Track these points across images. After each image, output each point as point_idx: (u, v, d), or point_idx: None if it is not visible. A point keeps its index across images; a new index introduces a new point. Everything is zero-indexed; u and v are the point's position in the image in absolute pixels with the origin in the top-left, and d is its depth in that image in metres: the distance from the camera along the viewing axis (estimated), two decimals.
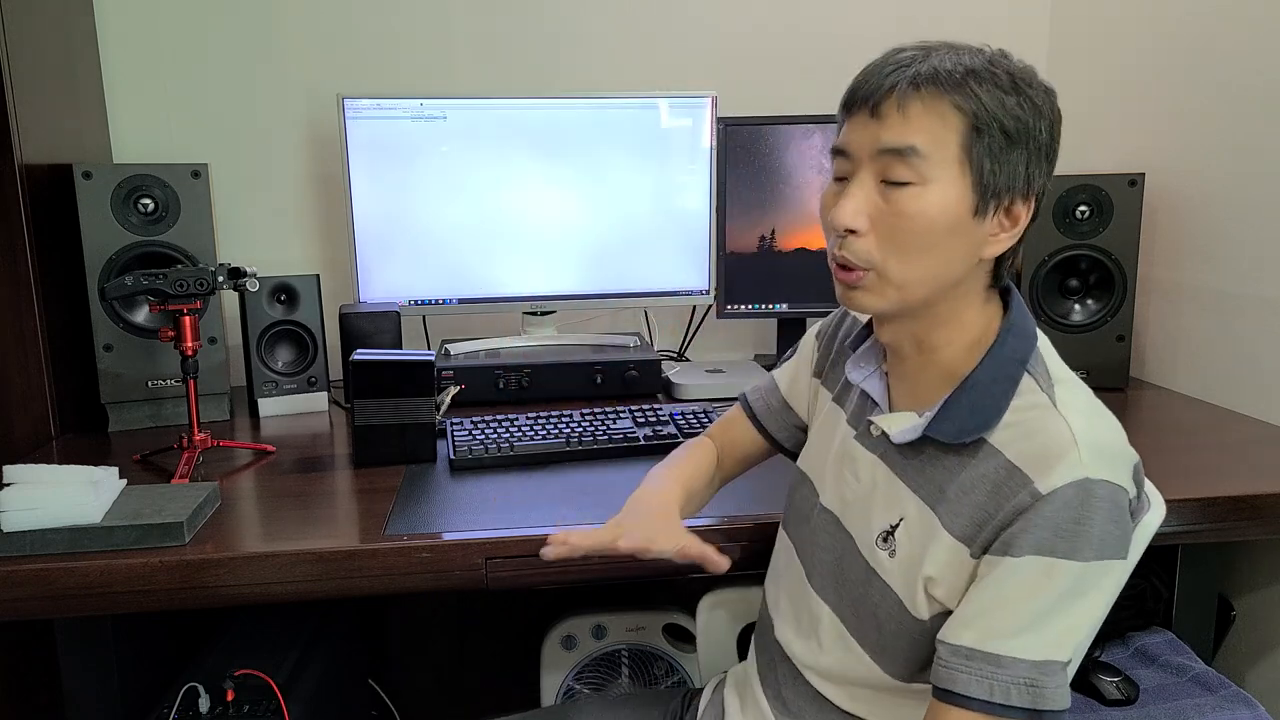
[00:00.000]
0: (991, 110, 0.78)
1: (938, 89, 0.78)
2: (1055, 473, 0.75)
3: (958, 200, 0.79)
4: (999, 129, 0.78)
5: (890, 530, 0.86)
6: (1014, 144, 0.79)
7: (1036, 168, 0.81)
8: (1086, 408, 0.80)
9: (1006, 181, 0.80)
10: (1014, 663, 0.74)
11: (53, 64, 1.55)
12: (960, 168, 0.79)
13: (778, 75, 1.92)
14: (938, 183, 0.79)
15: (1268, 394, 1.47)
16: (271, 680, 1.22)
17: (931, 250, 0.80)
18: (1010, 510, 0.76)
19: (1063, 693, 0.75)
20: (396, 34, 1.83)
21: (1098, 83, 1.85)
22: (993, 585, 0.76)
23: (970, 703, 0.75)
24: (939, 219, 0.79)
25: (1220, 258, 1.56)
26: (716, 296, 1.78)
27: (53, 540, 1.04)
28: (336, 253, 1.87)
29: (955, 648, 0.77)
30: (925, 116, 0.78)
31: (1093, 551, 0.74)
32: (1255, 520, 1.17)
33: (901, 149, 0.79)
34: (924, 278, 0.82)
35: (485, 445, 1.33)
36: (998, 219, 0.82)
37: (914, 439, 0.85)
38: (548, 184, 1.70)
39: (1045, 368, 0.84)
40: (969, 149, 0.79)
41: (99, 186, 1.49)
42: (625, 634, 1.66)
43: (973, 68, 0.79)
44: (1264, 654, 1.46)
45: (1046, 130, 0.81)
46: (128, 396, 1.54)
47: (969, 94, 0.78)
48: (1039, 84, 0.81)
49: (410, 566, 1.07)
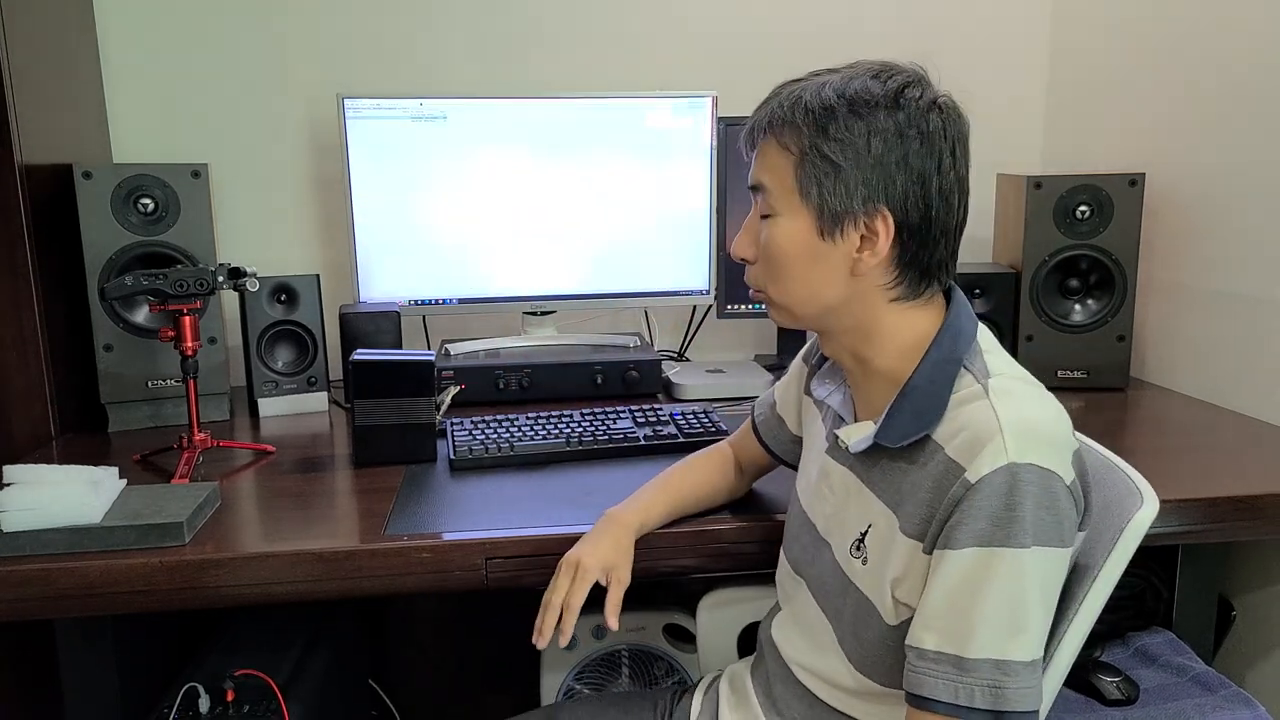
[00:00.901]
0: (812, 142, 0.83)
1: (770, 131, 0.87)
2: (981, 459, 0.77)
3: (801, 228, 0.86)
4: (820, 157, 0.83)
5: (861, 538, 0.88)
6: (841, 168, 0.83)
7: (883, 184, 0.82)
8: (1020, 394, 0.81)
9: (843, 204, 0.84)
10: (976, 664, 0.76)
11: (53, 64, 1.55)
12: (797, 198, 0.85)
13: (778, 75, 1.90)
14: (784, 214, 0.87)
15: (1268, 394, 1.47)
16: (271, 680, 1.22)
17: (793, 274, 0.88)
18: (948, 502, 0.78)
19: (1027, 694, 0.75)
20: (396, 34, 1.83)
21: (1098, 83, 1.85)
22: (942, 582, 0.78)
23: (936, 705, 0.77)
24: (788, 247, 0.87)
25: (1220, 258, 1.56)
26: (716, 296, 1.78)
27: (53, 540, 1.04)
28: (336, 253, 1.87)
29: (921, 651, 0.78)
30: (767, 156, 0.87)
31: (1030, 538, 0.75)
32: (1255, 520, 1.17)
33: (756, 186, 0.89)
34: (800, 300, 0.89)
35: (485, 445, 1.33)
36: (852, 239, 0.85)
37: (867, 447, 0.87)
38: (548, 184, 1.70)
39: (984, 363, 0.85)
40: (799, 180, 0.85)
41: (99, 186, 1.49)
42: (625, 634, 1.66)
43: (808, 103, 0.84)
44: (1264, 654, 1.46)
45: (891, 146, 0.82)
46: (128, 396, 1.54)
47: (796, 131, 0.84)
48: (869, 94, 0.82)
49: (410, 566, 1.07)
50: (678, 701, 1.14)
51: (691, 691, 1.15)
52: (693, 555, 1.12)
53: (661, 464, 1.32)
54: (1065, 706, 1.25)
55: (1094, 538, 0.86)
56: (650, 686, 1.66)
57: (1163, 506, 1.13)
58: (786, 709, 0.97)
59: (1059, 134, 1.96)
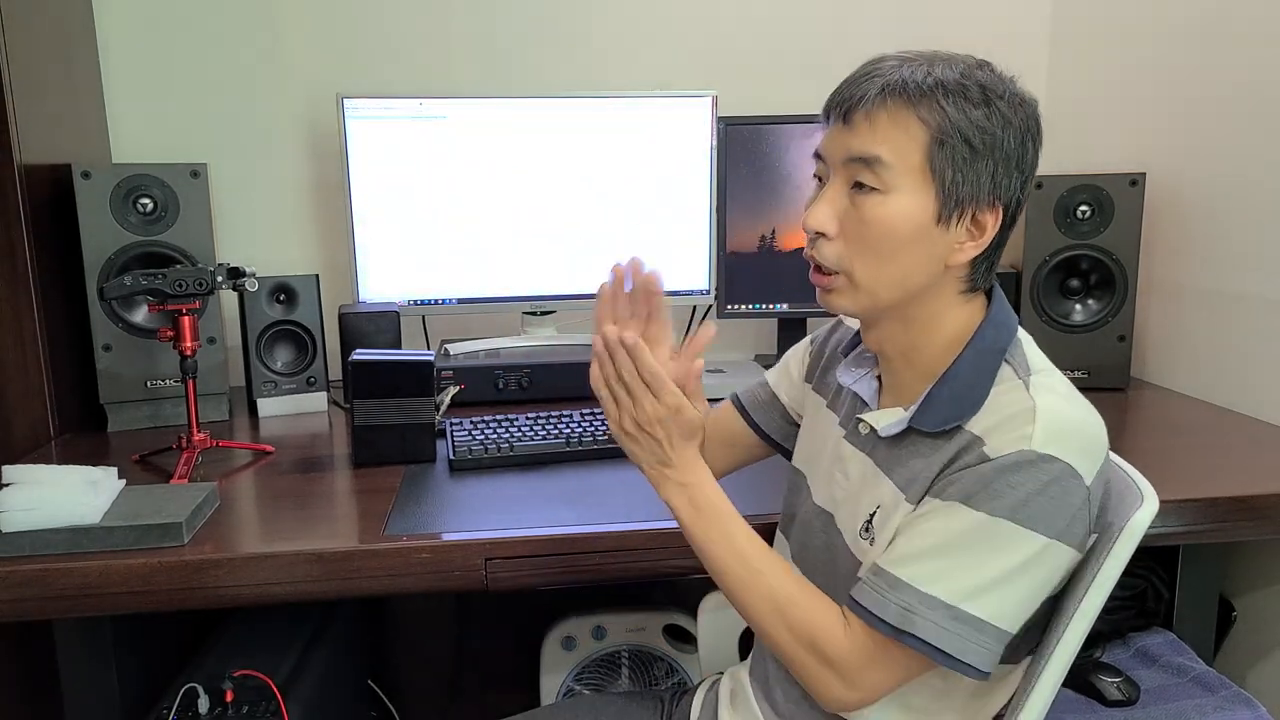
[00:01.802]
0: (955, 122, 0.80)
1: (903, 100, 0.81)
2: (1007, 440, 0.78)
3: (920, 209, 0.82)
4: (962, 140, 0.80)
5: (869, 520, 0.89)
6: (978, 155, 0.81)
7: (1005, 177, 0.83)
8: (1060, 392, 0.82)
9: (970, 191, 0.82)
10: (904, 587, 0.79)
11: (52, 64, 1.54)
12: (923, 177, 0.81)
13: (778, 75, 1.92)
14: (900, 191, 0.81)
15: (1268, 394, 1.47)
16: (271, 680, 1.22)
17: (895, 256, 0.83)
18: (959, 466, 0.80)
19: (938, 631, 0.78)
20: (396, 34, 1.83)
21: (1098, 83, 1.84)
22: (913, 519, 0.82)
23: (855, 606, 0.82)
24: (901, 226, 0.82)
25: (1221, 258, 1.56)
26: (717, 296, 1.78)
27: (52, 541, 1.04)
28: (336, 253, 1.87)
29: (873, 566, 0.83)
30: (890, 127, 0.81)
31: (1008, 510, 0.77)
32: (1255, 520, 1.17)
33: (866, 158, 0.82)
34: (889, 282, 0.84)
35: (485, 445, 1.33)
36: (963, 228, 0.83)
37: (899, 431, 0.87)
38: (548, 184, 1.70)
39: (1024, 358, 0.85)
40: (931, 159, 0.81)
41: (98, 186, 1.49)
42: (625, 634, 1.66)
43: (942, 79, 0.81)
44: (1265, 654, 1.46)
45: (1015, 140, 0.82)
46: (127, 396, 1.54)
47: (934, 106, 0.80)
48: (1014, 94, 0.82)
49: (410, 567, 1.06)
50: (677, 702, 1.14)
51: (692, 692, 1.14)
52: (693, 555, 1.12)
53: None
54: (1065, 707, 1.25)
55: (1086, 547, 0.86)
56: (650, 688, 1.65)
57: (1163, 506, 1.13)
58: (787, 711, 0.97)
59: (1059, 134, 1.96)
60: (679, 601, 1.72)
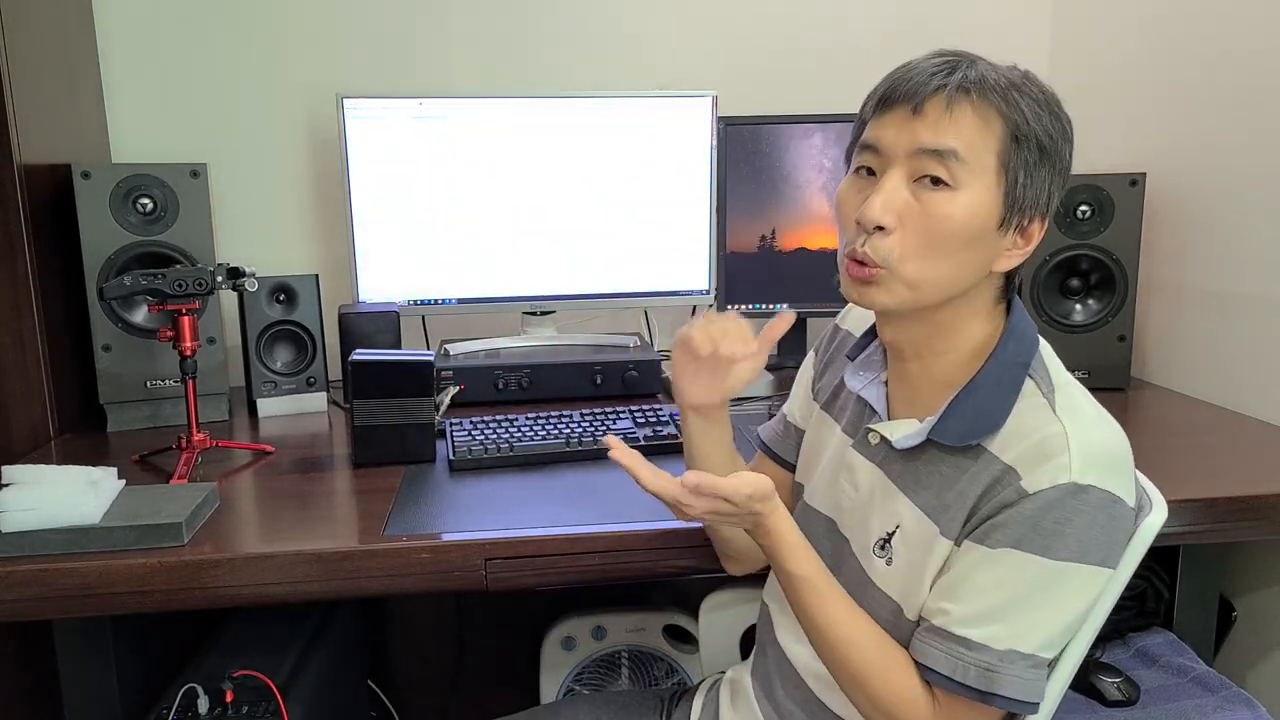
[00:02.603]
0: (1032, 123, 0.79)
1: (985, 95, 0.79)
2: (1043, 472, 0.76)
3: (987, 210, 0.80)
4: (1035, 143, 0.79)
5: (887, 538, 0.87)
6: (1045, 160, 0.80)
7: (1056, 190, 0.83)
8: (1087, 413, 0.81)
9: (1034, 197, 0.81)
10: (981, 648, 0.77)
11: (52, 64, 1.54)
12: (995, 177, 0.80)
13: (778, 75, 1.91)
14: (970, 189, 0.79)
15: (1268, 394, 1.47)
16: (271, 681, 1.22)
17: (951, 256, 0.80)
18: (996, 504, 0.78)
19: (1019, 683, 0.77)
20: (396, 34, 1.82)
21: (1098, 83, 1.84)
22: (966, 571, 0.79)
23: (932, 674, 0.80)
24: (966, 225, 0.79)
25: (1221, 258, 1.56)
26: (716, 296, 1.78)
27: (51, 541, 1.04)
28: (336, 253, 1.87)
29: (932, 627, 0.80)
30: (970, 120, 0.79)
31: (1069, 552, 0.76)
32: (1256, 520, 1.17)
33: (941, 150, 0.78)
34: (938, 282, 0.81)
35: (485, 445, 1.33)
36: (1015, 234, 0.82)
37: (917, 444, 0.85)
38: (548, 184, 1.70)
39: (1047, 372, 0.84)
40: (1006, 159, 0.79)
41: (98, 186, 1.49)
42: (625, 635, 1.66)
43: (1014, 81, 0.80)
44: (1265, 655, 1.46)
45: (1069, 154, 0.83)
46: (126, 397, 1.54)
47: (1013, 104, 0.79)
48: (1064, 111, 0.83)
49: (410, 567, 1.06)
50: (678, 703, 1.14)
51: (692, 693, 1.14)
52: (693, 555, 1.12)
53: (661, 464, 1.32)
54: (1066, 707, 1.25)
55: None
56: (650, 687, 1.65)
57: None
58: (789, 714, 0.97)
59: None
60: (679, 601, 1.72)
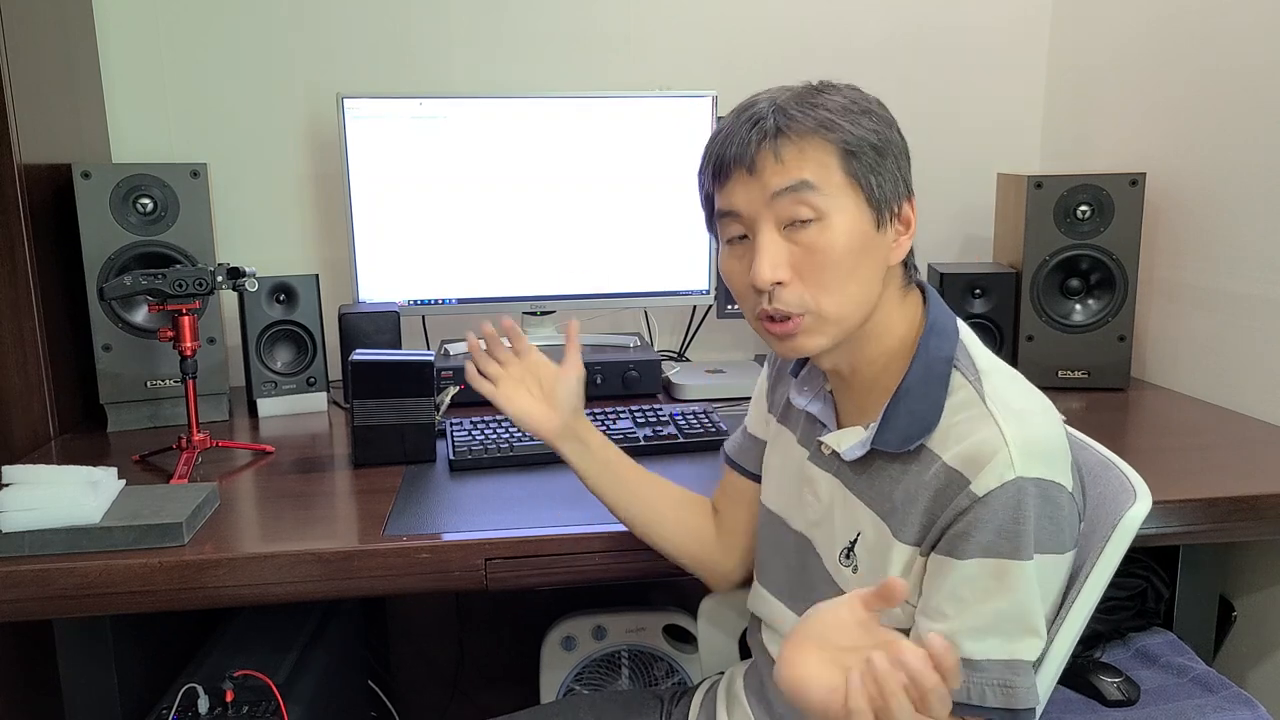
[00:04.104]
0: (854, 132, 0.82)
1: (801, 130, 0.82)
2: (987, 474, 0.77)
3: (859, 220, 0.83)
4: (868, 146, 0.83)
5: (850, 547, 0.88)
6: (883, 155, 0.83)
7: (906, 169, 0.86)
8: (1018, 402, 0.81)
9: (891, 189, 0.84)
10: (988, 665, 0.77)
11: (52, 64, 1.54)
12: (850, 191, 0.83)
13: (778, 75, 1.91)
14: (836, 211, 0.82)
15: (1268, 394, 1.47)
16: (271, 681, 1.22)
17: (853, 275, 0.83)
18: (951, 511, 0.79)
19: (1033, 691, 0.78)
20: (396, 34, 1.83)
21: (1098, 83, 1.84)
22: (949, 588, 0.78)
23: (958, 708, 0.78)
24: (850, 244, 0.82)
25: (1221, 258, 1.56)
26: (716, 296, 1.78)
27: (52, 541, 1.04)
28: (336, 253, 1.87)
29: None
30: (801, 155, 0.82)
31: (1035, 548, 0.77)
32: (1256, 520, 1.17)
33: (794, 185, 0.81)
34: (855, 303, 0.84)
35: (485, 445, 1.33)
36: (894, 226, 0.86)
37: (863, 453, 0.86)
38: (548, 184, 1.70)
39: (971, 361, 0.86)
40: (851, 173, 0.82)
41: (98, 186, 1.49)
42: (625, 635, 1.65)
43: (816, 103, 0.83)
44: (1265, 654, 1.46)
45: (897, 133, 0.86)
46: (127, 397, 1.54)
47: (828, 124, 0.82)
48: (870, 97, 0.86)
49: (410, 567, 1.06)
50: (677, 702, 1.14)
51: (692, 693, 1.14)
52: None
53: (662, 464, 1.32)
54: (1066, 707, 1.25)
55: (1086, 535, 0.86)
56: (650, 687, 1.65)
57: (1163, 506, 1.14)
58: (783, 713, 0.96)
59: (1059, 134, 1.96)
60: (679, 601, 1.72)
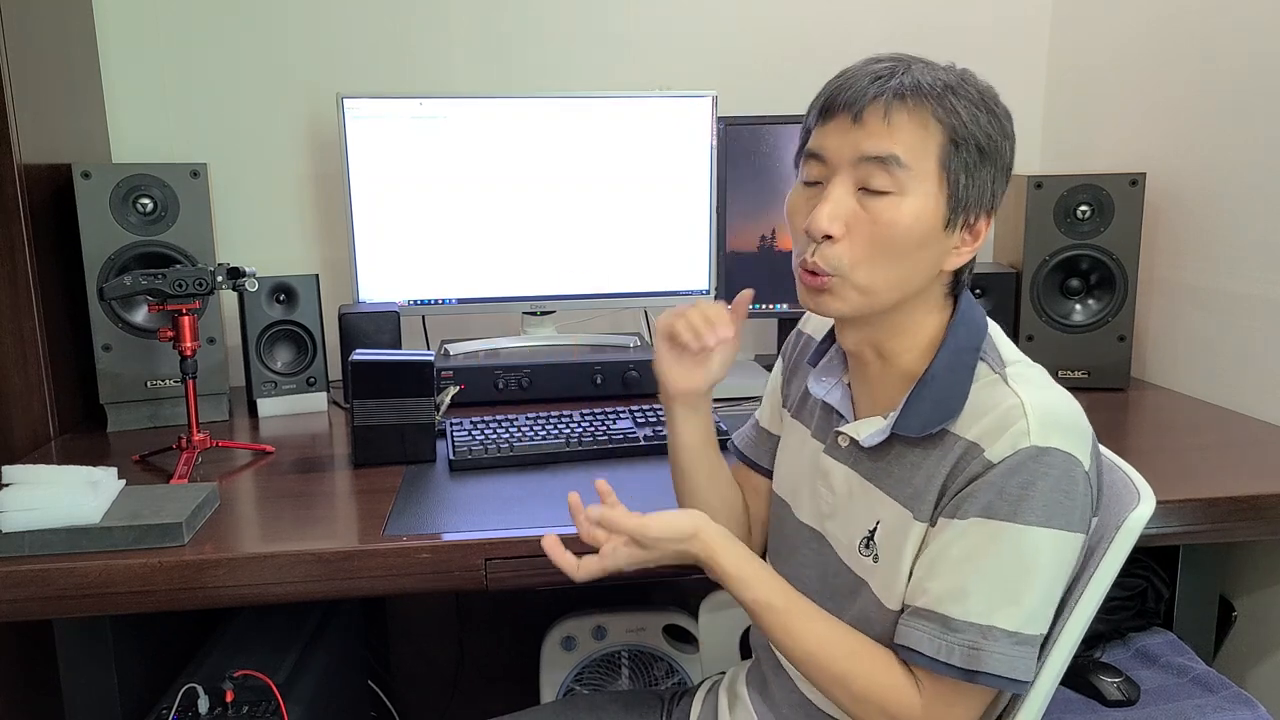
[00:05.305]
0: (969, 125, 0.80)
1: (921, 100, 0.80)
2: (1004, 440, 0.78)
3: (931, 212, 0.81)
4: (974, 145, 0.81)
5: (870, 535, 0.87)
6: (985, 160, 0.82)
7: (999, 186, 0.84)
8: (1038, 382, 0.82)
9: (976, 196, 0.83)
10: (961, 626, 0.78)
11: (52, 64, 1.54)
12: (937, 180, 0.81)
13: (778, 75, 1.91)
14: (914, 194, 0.81)
15: (1268, 394, 1.47)
16: (271, 681, 1.22)
17: (901, 259, 0.82)
18: (964, 478, 0.80)
19: (1004, 659, 0.77)
20: (396, 34, 1.82)
21: (1098, 82, 1.84)
22: (941, 548, 0.80)
23: (917, 657, 0.80)
24: (913, 229, 0.81)
25: (1221, 258, 1.56)
26: (716, 296, 1.78)
27: (52, 541, 1.04)
28: (336, 253, 1.87)
29: (914, 609, 0.81)
30: (908, 127, 0.80)
31: (1035, 516, 0.76)
32: (1256, 520, 1.17)
33: (883, 157, 0.80)
34: (890, 285, 0.83)
35: (485, 445, 1.33)
36: (962, 233, 0.84)
37: (882, 440, 0.86)
38: (548, 184, 1.70)
39: (998, 353, 0.86)
40: (946, 162, 0.81)
41: (98, 186, 1.49)
42: (625, 635, 1.66)
43: (949, 83, 0.81)
44: (1265, 655, 1.46)
45: (1010, 150, 0.84)
46: (126, 397, 1.54)
47: (949, 108, 0.80)
48: (1003, 106, 0.84)
49: (410, 567, 1.06)
50: (678, 703, 1.14)
51: (692, 693, 1.14)
52: None
53: (662, 464, 1.32)
54: (1066, 707, 1.25)
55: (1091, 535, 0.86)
56: (650, 688, 1.65)
57: (1163, 506, 1.14)
58: (786, 714, 0.97)
59: (1059, 134, 1.96)
60: (679, 601, 1.72)
